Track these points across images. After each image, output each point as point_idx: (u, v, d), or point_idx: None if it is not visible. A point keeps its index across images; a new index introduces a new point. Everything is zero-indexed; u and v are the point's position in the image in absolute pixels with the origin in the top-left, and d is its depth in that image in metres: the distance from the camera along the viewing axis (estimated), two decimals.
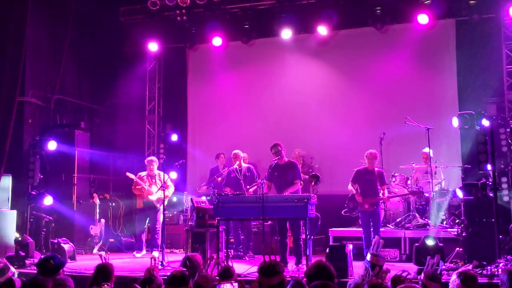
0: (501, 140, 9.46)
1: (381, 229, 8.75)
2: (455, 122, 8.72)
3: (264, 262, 3.84)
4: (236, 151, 9.68)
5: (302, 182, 8.68)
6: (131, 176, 9.79)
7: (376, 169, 8.66)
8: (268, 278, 3.72)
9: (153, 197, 9.68)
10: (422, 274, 4.28)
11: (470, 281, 4.18)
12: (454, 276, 4.24)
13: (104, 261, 4.87)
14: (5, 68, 9.10)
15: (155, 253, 9.60)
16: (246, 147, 10.58)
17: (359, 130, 11.13)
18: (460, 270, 4.40)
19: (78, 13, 11.75)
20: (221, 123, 12.35)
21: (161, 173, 9.77)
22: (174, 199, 11.45)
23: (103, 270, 4.71)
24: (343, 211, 9.20)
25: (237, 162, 9.53)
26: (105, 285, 4.43)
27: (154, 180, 9.77)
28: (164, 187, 8.86)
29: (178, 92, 12.94)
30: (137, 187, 9.77)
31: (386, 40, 11.09)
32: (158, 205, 9.60)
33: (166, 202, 9.17)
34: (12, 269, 5.12)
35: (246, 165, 9.70)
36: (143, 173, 9.84)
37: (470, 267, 6.98)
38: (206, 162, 11.59)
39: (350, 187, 8.76)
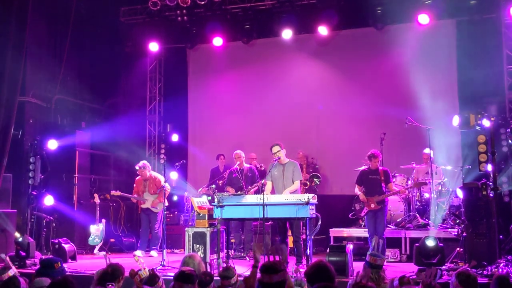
0: (501, 140, 9.45)
1: None
2: (455, 122, 8.71)
3: (267, 261, 3.85)
4: (237, 151, 9.71)
5: (307, 183, 8.67)
6: (117, 193, 10.05)
7: (380, 168, 8.67)
8: (269, 275, 3.72)
9: (146, 205, 9.80)
10: (420, 284, 4.27)
11: (467, 281, 4.18)
12: (453, 277, 4.25)
13: (109, 261, 4.81)
14: (5, 68, 9.09)
15: (153, 253, 9.64)
16: (247, 147, 10.59)
17: (359, 130, 11.14)
18: (458, 270, 4.40)
19: (79, 13, 11.74)
20: (221, 123, 12.37)
21: (157, 175, 9.89)
22: (175, 198, 11.49)
23: (116, 269, 4.66)
24: (350, 214, 9.19)
25: (238, 162, 9.56)
26: (110, 285, 4.42)
27: (149, 184, 9.84)
28: (164, 193, 8.97)
29: (178, 92, 12.96)
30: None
31: (386, 40, 11.07)
32: (154, 209, 9.77)
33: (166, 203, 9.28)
34: (14, 269, 5.10)
35: (248, 165, 9.71)
36: (139, 177, 9.96)
37: (466, 266, 6.99)
38: (207, 162, 11.58)
39: (356, 189, 8.78)
